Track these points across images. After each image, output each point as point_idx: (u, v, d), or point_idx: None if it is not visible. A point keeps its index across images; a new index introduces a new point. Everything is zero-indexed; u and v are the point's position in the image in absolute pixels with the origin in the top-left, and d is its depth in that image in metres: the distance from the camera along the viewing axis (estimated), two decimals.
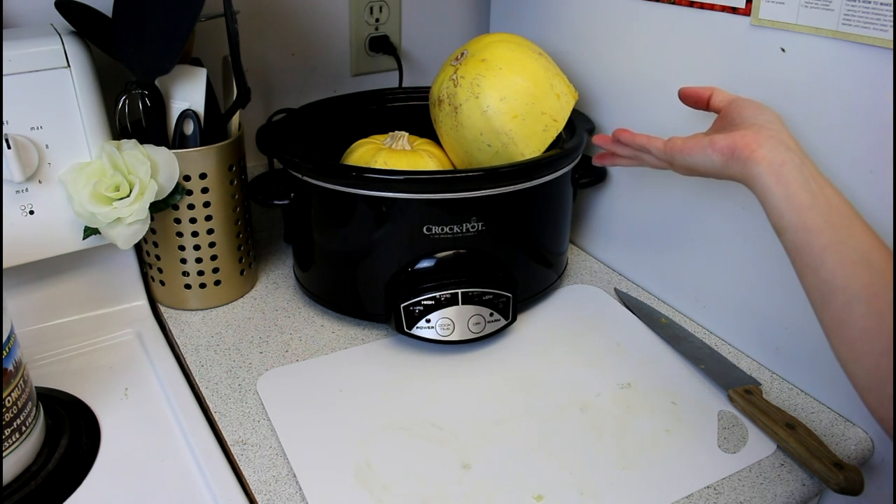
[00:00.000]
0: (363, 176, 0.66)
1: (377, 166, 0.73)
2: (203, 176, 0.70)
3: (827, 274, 0.45)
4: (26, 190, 0.64)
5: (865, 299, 0.44)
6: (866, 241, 0.45)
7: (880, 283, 0.44)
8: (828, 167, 0.58)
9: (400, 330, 0.69)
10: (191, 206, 0.71)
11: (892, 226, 0.54)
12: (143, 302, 0.78)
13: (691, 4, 0.67)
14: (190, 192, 0.70)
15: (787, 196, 0.48)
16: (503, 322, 0.70)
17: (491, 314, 0.70)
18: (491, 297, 0.70)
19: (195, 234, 0.73)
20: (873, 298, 0.43)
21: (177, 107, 0.70)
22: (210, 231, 0.73)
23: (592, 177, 0.81)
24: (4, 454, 0.53)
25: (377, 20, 0.95)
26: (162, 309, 0.78)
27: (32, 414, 0.56)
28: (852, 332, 0.44)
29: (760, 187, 0.49)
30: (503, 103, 0.71)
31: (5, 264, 0.65)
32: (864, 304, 0.44)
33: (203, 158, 0.70)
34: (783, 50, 0.60)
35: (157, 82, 0.67)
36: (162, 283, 0.76)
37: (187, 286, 0.76)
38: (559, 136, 0.75)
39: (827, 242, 0.46)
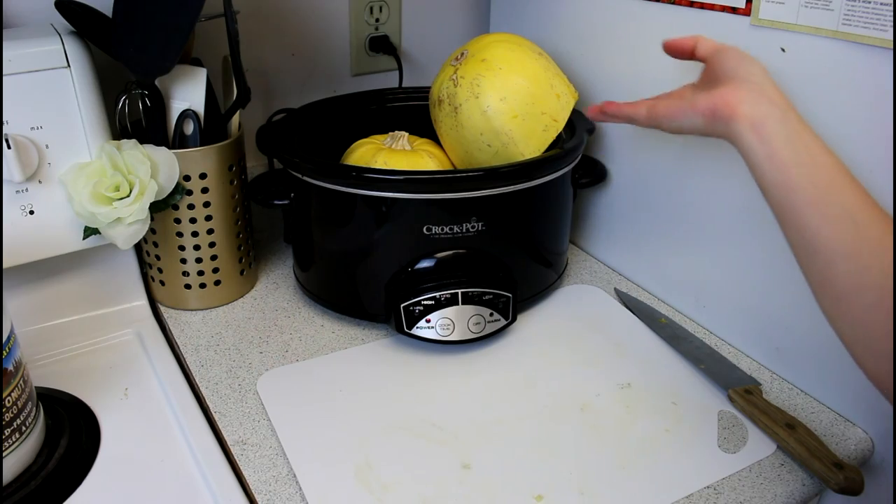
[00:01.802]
0: (363, 176, 0.66)
1: (377, 166, 0.73)
2: (203, 176, 0.70)
3: (810, 232, 0.45)
4: (26, 190, 0.64)
5: (850, 256, 0.43)
6: (851, 197, 0.45)
7: (864, 238, 0.43)
8: None
9: (400, 330, 0.69)
10: (191, 206, 0.71)
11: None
12: (143, 302, 0.78)
13: (691, 4, 0.67)
14: (190, 192, 0.70)
15: (768, 154, 0.47)
16: (503, 322, 0.70)
17: (491, 314, 0.70)
18: (491, 297, 0.70)
19: (195, 234, 0.73)
20: (858, 255, 0.43)
21: (177, 107, 0.70)
22: (210, 231, 0.73)
23: (592, 177, 0.81)
24: (4, 454, 0.53)
25: (377, 20, 0.95)
26: (162, 309, 0.78)
27: (32, 414, 0.56)
28: (838, 288, 0.44)
29: (743, 146, 0.49)
30: (503, 103, 0.71)
31: (5, 264, 0.65)
32: (848, 261, 0.43)
33: (203, 158, 0.70)
34: (783, 50, 0.60)
35: (157, 82, 0.67)
36: (162, 283, 0.76)
37: (187, 286, 0.76)
38: (559, 136, 0.75)
39: (810, 199, 0.45)
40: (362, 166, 0.73)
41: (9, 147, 0.60)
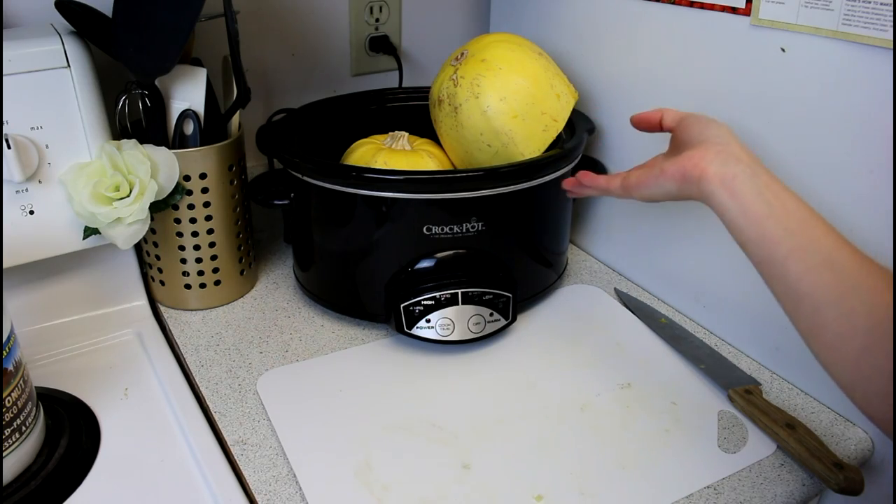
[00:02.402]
0: (363, 176, 0.66)
1: (377, 166, 0.73)
2: (203, 176, 0.70)
3: (793, 282, 0.45)
4: (26, 190, 0.64)
5: (834, 302, 0.44)
6: (828, 243, 0.45)
7: (846, 283, 0.44)
8: (827, 167, 0.58)
9: (400, 330, 0.69)
10: (191, 206, 0.71)
11: (891, 227, 0.54)
12: (143, 302, 0.78)
13: (691, 4, 0.67)
14: (190, 192, 0.70)
15: (742, 210, 0.48)
16: (503, 322, 0.70)
17: (491, 314, 0.70)
18: (491, 297, 0.70)
19: (195, 234, 0.73)
20: (842, 300, 0.43)
21: (177, 107, 0.70)
22: (210, 231, 0.73)
23: None
24: (4, 454, 0.53)
25: (377, 20, 0.95)
26: (162, 309, 0.78)
27: (32, 414, 0.56)
28: (827, 335, 0.44)
29: (716, 204, 0.50)
30: (503, 103, 0.70)
31: (5, 264, 0.65)
32: (833, 307, 0.44)
33: (203, 158, 0.70)
34: (783, 50, 0.60)
35: (157, 82, 0.67)
36: (162, 283, 0.76)
37: (187, 286, 0.76)
38: (559, 136, 0.75)
39: (788, 251, 0.46)
40: (362, 166, 0.73)
41: (9, 147, 0.60)
